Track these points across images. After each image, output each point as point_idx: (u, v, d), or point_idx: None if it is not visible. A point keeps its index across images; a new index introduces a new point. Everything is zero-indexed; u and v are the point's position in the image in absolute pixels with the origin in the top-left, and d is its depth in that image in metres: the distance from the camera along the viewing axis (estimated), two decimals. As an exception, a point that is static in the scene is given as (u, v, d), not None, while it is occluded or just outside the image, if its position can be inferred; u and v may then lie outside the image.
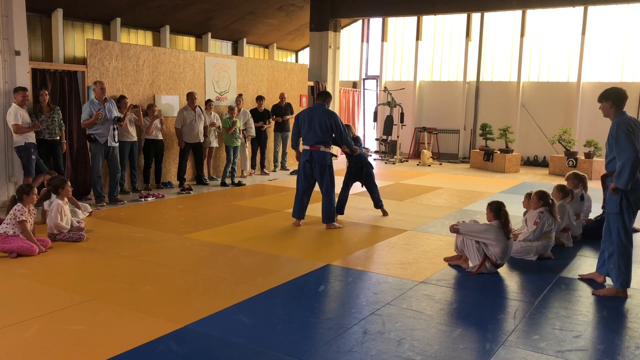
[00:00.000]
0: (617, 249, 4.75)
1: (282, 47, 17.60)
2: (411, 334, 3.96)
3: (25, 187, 6.02)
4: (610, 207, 4.74)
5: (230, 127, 10.53)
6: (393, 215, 8.02)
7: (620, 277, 4.77)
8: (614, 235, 4.74)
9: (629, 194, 4.65)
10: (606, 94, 4.80)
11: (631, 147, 4.50)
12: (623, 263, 4.75)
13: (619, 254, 4.74)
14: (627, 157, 4.51)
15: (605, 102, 4.80)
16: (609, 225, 4.79)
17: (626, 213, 4.70)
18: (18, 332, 3.87)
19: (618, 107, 4.77)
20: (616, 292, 4.82)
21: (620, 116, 4.72)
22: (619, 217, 4.71)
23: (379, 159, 15.81)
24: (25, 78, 7.91)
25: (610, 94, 4.79)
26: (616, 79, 14.25)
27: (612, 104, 4.77)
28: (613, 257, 4.78)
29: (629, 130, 4.55)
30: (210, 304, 4.44)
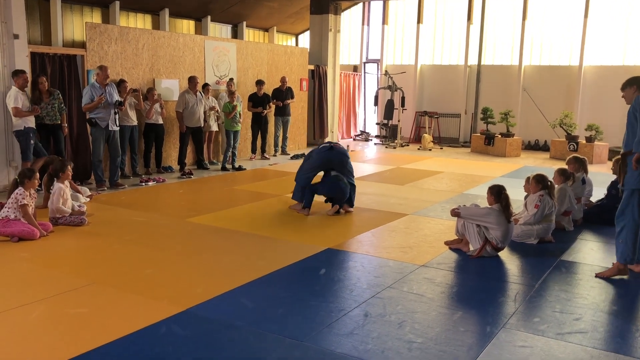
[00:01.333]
0: (628, 224, 4.74)
1: (282, 31, 17.48)
2: (412, 317, 3.98)
3: (27, 171, 6.02)
4: (632, 183, 4.71)
5: (230, 111, 10.49)
6: (394, 199, 8.03)
7: (625, 251, 4.77)
8: (628, 211, 4.74)
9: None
10: (631, 80, 4.84)
11: None
12: (631, 239, 4.75)
13: (630, 229, 4.74)
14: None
15: (630, 87, 4.83)
16: (626, 202, 4.77)
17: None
18: (21, 315, 3.89)
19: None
20: (617, 268, 4.83)
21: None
22: (635, 194, 4.70)
23: (380, 143, 15.78)
24: (24, 62, 7.87)
25: (636, 79, 4.83)
26: (618, 62, 14.17)
27: (636, 87, 4.78)
28: (623, 232, 4.78)
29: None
30: (212, 287, 4.46)
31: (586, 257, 5.58)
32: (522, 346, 3.58)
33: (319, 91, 14.55)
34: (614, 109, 14.07)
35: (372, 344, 3.54)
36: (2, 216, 5.72)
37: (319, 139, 14.86)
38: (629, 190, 4.73)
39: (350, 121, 17.36)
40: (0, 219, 5.71)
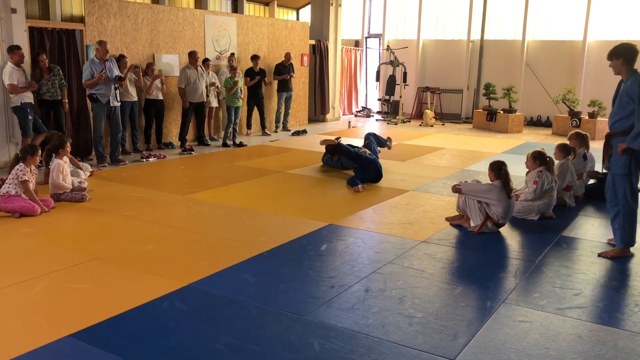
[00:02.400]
0: (622, 209, 4.71)
1: (283, 5, 17.24)
2: (412, 292, 4.00)
3: (29, 147, 6.02)
4: (617, 168, 4.66)
5: (231, 87, 10.42)
6: (395, 175, 8.01)
7: (624, 236, 4.77)
8: (620, 196, 4.69)
9: (639, 155, 4.58)
10: (616, 50, 4.65)
11: None
12: (628, 223, 4.73)
13: (624, 214, 4.71)
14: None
15: (616, 59, 4.65)
16: (615, 186, 4.73)
17: (634, 174, 4.65)
18: (24, 290, 3.91)
19: (630, 64, 4.62)
20: (621, 252, 4.83)
21: (636, 74, 4.58)
22: (626, 179, 4.65)
23: (381, 119, 15.71)
24: (23, 37, 7.79)
25: (621, 50, 4.64)
26: (623, 37, 13.99)
27: (623, 61, 4.62)
28: (618, 217, 4.75)
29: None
30: (214, 262, 4.48)
31: (587, 233, 5.59)
32: (522, 321, 3.60)
33: (320, 66, 14.42)
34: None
35: (372, 319, 3.56)
36: (3, 192, 5.73)
37: (320, 115, 14.79)
38: (618, 175, 4.66)
39: (351, 97, 17.26)
40: (1, 195, 5.72)
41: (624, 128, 4.57)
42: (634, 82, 4.51)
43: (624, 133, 4.57)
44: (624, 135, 4.57)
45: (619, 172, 4.65)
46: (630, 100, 4.51)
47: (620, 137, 4.60)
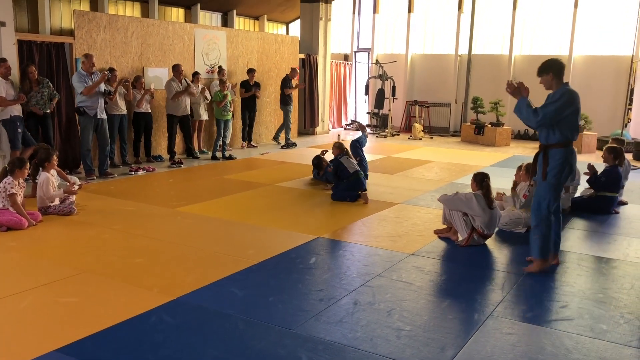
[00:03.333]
0: (543, 220, 4.71)
1: (273, 19, 17.39)
2: (401, 305, 4.01)
3: (17, 160, 5.98)
4: (550, 177, 4.64)
5: (220, 100, 10.45)
6: (384, 188, 8.05)
7: (543, 247, 4.74)
8: (543, 206, 4.69)
9: (572, 165, 4.65)
10: (546, 66, 4.69)
11: (550, 116, 4.50)
12: (547, 234, 4.72)
13: (545, 225, 4.70)
14: (537, 114, 4.53)
15: (546, 74, 4.67)
16: (540, 196, 4.72)
17: (562, 185, 4.71)
18: (10, 304, 3.88)
19: (560, 77, 4.68)
20: (542, 263, 4.77)
21: (567, 87, 4.66)
22: (554, 189, 4.66)
23: (371, 132, 15.79)
24: (12, 50, 7.78)
25: (550, 65, 4.69)
26: (607, 52, 14.23)
27: (553, 75, 4.66)
28: (539, 227, 4.73)
29: (565, 105, 4.51)
30: (202, 276, 4.47)
31: (574, 245, 5.64)
32: (509, 333, 3.62)
33: (309, 80, 14.50)
34: (603, 98, 14.17)
35: (361, 332, 3.57)
36: None
37: (309, 128, 14.85)
38: (549, 184, 4.66)
39: (341, 110, 17.34)
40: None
41: (559, 140, 4.61)
42: (564, 92, 4.58)
43: (560, 144, 4.61)
44: (559, 146, 4.61)
45: (550, 181, 4.65)
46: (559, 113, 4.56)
47: (557, 148, 4.62)
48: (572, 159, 4.67)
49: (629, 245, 5.64)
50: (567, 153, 4.63)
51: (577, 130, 4.70)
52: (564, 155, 4.61)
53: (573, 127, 4.64)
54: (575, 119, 4.65)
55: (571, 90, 4.64)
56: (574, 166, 4.74)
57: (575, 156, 4.73)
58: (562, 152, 4.61)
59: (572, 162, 4.68)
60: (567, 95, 4.57)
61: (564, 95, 4.56)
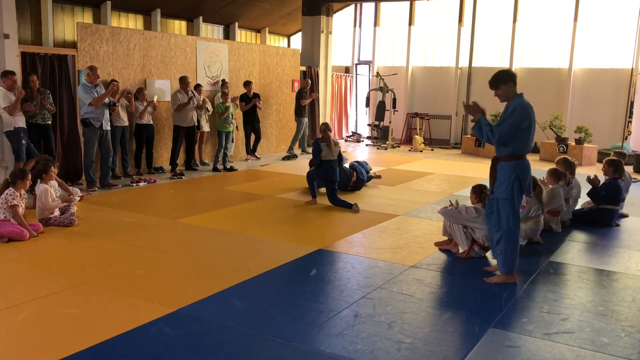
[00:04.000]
0: (504, 235, 4.66)
1: (274, 32, 17.49)
2: (401, 317, 4.01)
3: (19, 172, 5.99)
4: (501, 192, 4.64)
5: (222, 112, 10.50)
6: (384, 200, 8.06)
7: (506, 262, 4.71)
8: (503, 220, 4.65)
9: (522, 179, 4.60)
10: (501, 76, 4.74)
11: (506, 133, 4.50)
12: (510, 249, 4.68)
13: (507, 240, 4.66)
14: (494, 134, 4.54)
15: (504, 84, 4.71)
16: (499, 210, 4.68)
17: (517, 199, 4.63)
18: (10, 316, 3.88)
19: (516, 88, 4.71)
20: (505, 277, 4.75)
21: (521, 98, 4.67)
22: (510, 203, 4.62)
23: (371, 144, 15.83)
24: (15, 62, 7.83)
25: (509, 75, 4.74)
26: (607, 65, 14.30)
27: (512, 84, 4.70)
28: (500, 243, 4.70)
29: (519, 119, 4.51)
30: (203, 288, 4.47)
31: (574, 258, 5.64)
32: (509, 346, 3.62)
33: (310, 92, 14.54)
34: (604, 111, 14.22)
35: (361, 344, 3.57)
36: None
37: (310, 140, 14.87)
38: (502, 199, 4.64)
39: (341, 122, 17.40)
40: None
41: (509, 153, 4.60)
42: (518, 104, 4.58)
43: (509, 158, 4.60)
44: (508, 159, 4.60)
45: (502, 196, 4.63)
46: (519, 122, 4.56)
47: (505, 161, 4.62)
48: (521, 172, 4.61)
49: (629, 258, 5.64)
50: (515, 167, 4.58)
51: (528, 143, 4.65)
52: (512, 169, 4.57)
53: (526, 141, 4.60)
54: (529, 132, 4.60)
55: (524, 102, 4.62)
56: (527, 179, 4.65)
57: (526, 169, 4.66)
58: (509, 166, 4.59)
59: (522, 175, 4.61)
60: (520, 108, 4.55)
61: (517, 108, 4.55)
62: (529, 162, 4.72)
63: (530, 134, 4.64)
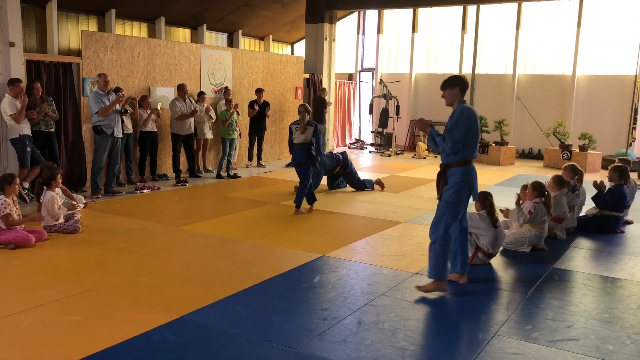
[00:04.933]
0: (439, 239, 4.59)
1: (278, 39, 17.55)
2: (405, 324, 4.00)
3: (7, 176, 5.92)
4: (449, 195, 4.60)
5: (226, 119, 10.52)
6: (388, 207, 8.06)
7: (436, 268, 4.60)
8: (441, 225, 4.61)
9: (471, 184, 4.60)
10: (454, 80, 4.70)
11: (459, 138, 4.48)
12: (442, 255, 4.58)
13: (440, 244, 4.58)
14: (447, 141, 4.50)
15: (452, 88, 4.68)
16: (439, 214, 4.65)
17: (463, 203, 4.64)
18: (14, 323, 3.89)
19: (463, 95, 4.69)
20: (435, 284, 4.63)
21: (465, 104, 4.66)
22: (454, 208, 4.59)
23: (375, 151, 15.84)
24: (20, 69, 7.88)
25: (458, 80, 4.71)
26: (611, 71, 14.29)
27: (459, 89, 4.67)
28: (434, 246, 4.61)
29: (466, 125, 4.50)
30: (206, 294, 4.47)
31: (578, 265, 5.62)
32: (514, 353, 3.60)
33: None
34: (607, 118, 14.20)
35: (365, 352, 3.56)
36: None
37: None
38: (446, 202, 4.61)
39: (345, 129, 17.42)
40: None
41: (458, 159, 4.57)
42: (463, 110, 4.57)
43: (458, 163, 4.57)
44: (457, 165, 4.58)
45: (449, 199, 4.60)
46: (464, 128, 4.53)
47: (456, 167, 4.59)
48: (471, 178, 4.62)
49: (634, 265, 5.61)
50: (465, 172, 4.58)
51: (475, 149, 4.65)
52: (463, 174, 4.57)
53: (472, 146, 4.60)
54: (475, 137, 4.59)
55: (469, 108, 4.62)
56: (474, 185, 4.65)
57: (474, 175, 4.67)
58: (460, 171, 4.57)
59: (471, 180, 4.62)
60: (466, 114, 4.55)
61: (463, 114, 4.54)
62: (475, 168, 4.71)
63: (476, 140, 4.63)
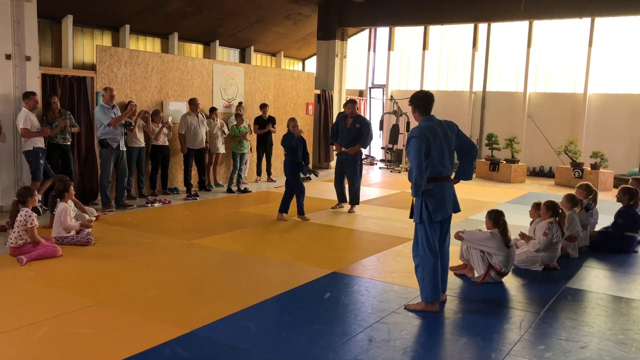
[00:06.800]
0: (421, 261, 4.54)
1: (289, 55, 17.69)
2: (417, 343, 3.96)
3: (25, 190, 5.97)
4: (414, 216, 4.55)
5: (237, 134, 10.58)
6: (399, 223, 8.03)
7: (424, 290, 4.55)
8: (419, 246, 4.55)
9: (428, 203, 4.45)
10: (410, 99, 4.67)
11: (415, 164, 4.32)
12: (428, 276, 4.51)
13: (423, 266, 4.53)
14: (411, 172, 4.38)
15: (410, 107, 4.65)
16: (416, 235, 4.59)
17: (427, 224, 4.48)
18: (25, 335, 3.90)
19: (420, 111, 4.61)
20: (425, 305, 4.57)
21: (423, 122, 4.57)
22: (421, 228, 4.51)
23: (385, 167, 15.83)
24: (35, 83, 7.98)
25: (412, 96, 4.66)
26: (622, 90, 14.25)
27: (413, 107, 4.61)
28: (419, 269, 4.58)
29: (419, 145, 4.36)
30: (217, 309, 4.46)
31: (592, 284, 5.56)
32: (527, 374, 3.55)
33: (324, 115, 14.66)
34: (619, 136, 14.11)
35: (376, 369, 3.52)
36: (18, 243, 5.69)
37: (324, 162, 14.93)
38: (417, 224, 4.54)
39: (355, 145, 17.41)
40: (18, 246, 5.68)
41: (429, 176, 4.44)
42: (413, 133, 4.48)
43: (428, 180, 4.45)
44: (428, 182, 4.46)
45: (415, 220, 4.53)
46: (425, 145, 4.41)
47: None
48: (442, 195, 4.49)
49: (649, 285, 5.54)
50: (435, 189, 4.46)
51: (442, 165, 4.50)
52: (433, 191, 4.44)
53: (438, 162, 4.47)
54: (438, 153, 4.46)
55: (423, 127, 4.48)
56: (433, 202, 4.45)
57: (447, 190, 4.53)
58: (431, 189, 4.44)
59: (443, 197, 4.49)
60: (417, 134, 4.42)
61: (413, 135, 4.42)
62: (446, 184, 4.54)
63: (440, 155, 4.45)
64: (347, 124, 8.80)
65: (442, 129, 4.59)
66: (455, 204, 4.69)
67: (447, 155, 4.55)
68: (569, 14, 12.91)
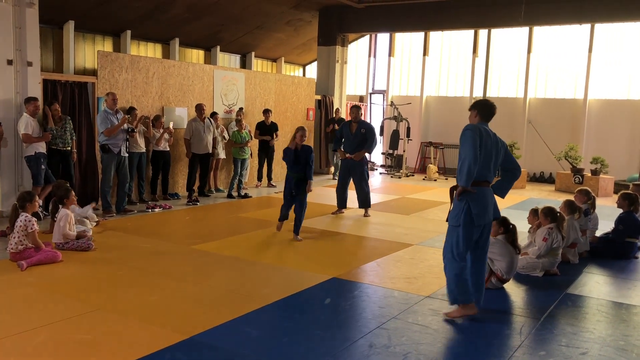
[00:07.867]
0: (447, 263, 4.54)
1: (290, 61, 17.73)
2: (417, 348, 3.96)
3: (26, 195, 5.98)
4: (451, 219, 4.55)
5: (239, 141, 10.60)
6: (399, 229, 8.03)
7: (451, 293, 4.56)
8: (447, 248, 4.54)
9: (472, 206, 4.41)
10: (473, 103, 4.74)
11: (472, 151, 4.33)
12: (453, 280, 4.50)
13: (449, 269, 4.53)
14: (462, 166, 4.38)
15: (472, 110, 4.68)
16: (447, 237, 4.58)
17: (463, 228, 4.44)
18: (25, 340, 3.89)
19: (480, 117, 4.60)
20: (459, 310, 4.54)
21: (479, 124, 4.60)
22: (456, 230, 4.50)
23: (385, 173, 15.84)
24: (37, 89, 8.00)
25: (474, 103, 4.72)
26: (623, 96, 14.27)
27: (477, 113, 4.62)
28: (445, 270, 4.57)
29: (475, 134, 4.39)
30: (217, 315, 4.45)
31: (592, 290, 5.55)
32: (528, 380, 3.55)
33: (325, 121, 14.68)
34: (620, 142, 14.12)
35: (376, 375, 3.52)
36: (18, 248, 5.69)
37: (324, 167, 14.94)
38: (451, 226, 4.53)
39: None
40: (19, 251, 5.69)
41: None
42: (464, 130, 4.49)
43: None
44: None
45: (452, 223, 4.52)
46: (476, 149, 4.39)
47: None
48: (485, 200, 4.46)
49: (649, 291, 5.54)
50: (479, 193, 4.45)
51: (487, 169, 4.47)
52: (464, 197, 4.44)
53: (484, 164, 4.44)
54: (486, 156, 4.44)
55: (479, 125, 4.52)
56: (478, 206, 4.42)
57: (489, 196, 4.51)
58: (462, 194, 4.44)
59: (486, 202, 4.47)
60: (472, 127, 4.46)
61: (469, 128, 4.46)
62: (487, 190, 4.56)
63: (483, 158, 4.45)
64: (353, 129, 8.86)
65: (494, 138, 4.61)
66: (495, 209, 4.68)
67: (492, 162, 4.55)
68: (569, 20, 12.96)
